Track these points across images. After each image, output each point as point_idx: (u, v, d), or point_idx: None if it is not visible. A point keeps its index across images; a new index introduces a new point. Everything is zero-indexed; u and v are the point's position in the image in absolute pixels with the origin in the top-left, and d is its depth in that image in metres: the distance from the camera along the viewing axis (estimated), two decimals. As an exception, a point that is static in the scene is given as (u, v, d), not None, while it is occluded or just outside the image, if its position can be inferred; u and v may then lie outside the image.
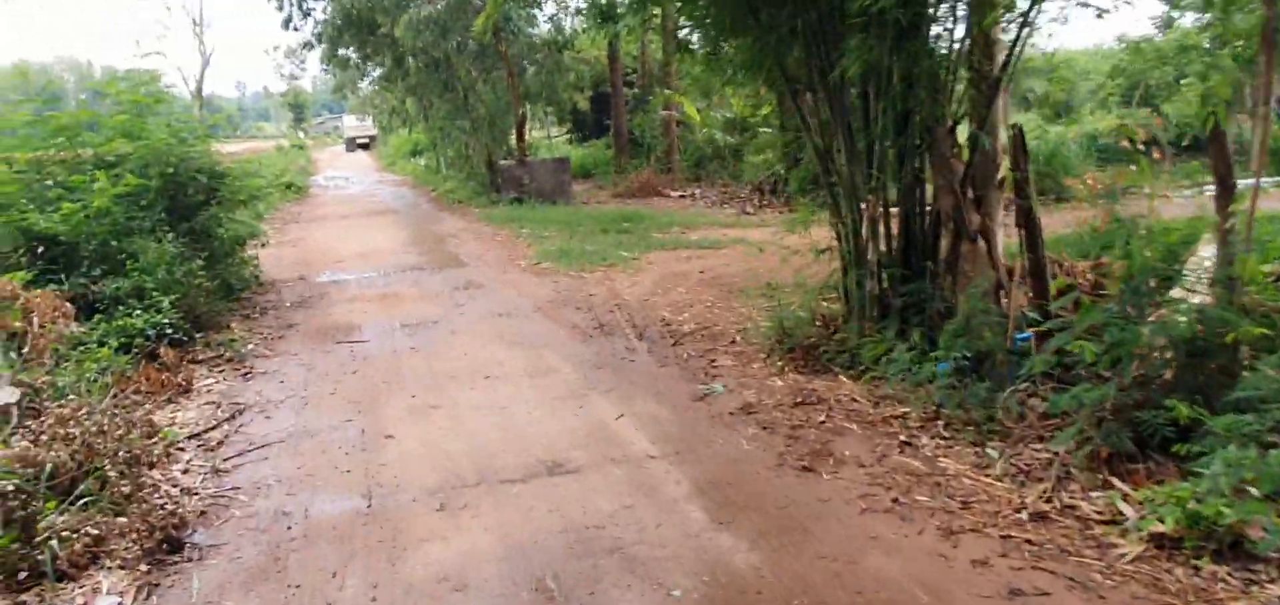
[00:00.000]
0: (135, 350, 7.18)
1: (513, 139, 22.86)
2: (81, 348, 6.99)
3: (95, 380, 6.34)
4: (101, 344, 7.08)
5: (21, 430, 4.91)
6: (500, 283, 11.12)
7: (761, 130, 24.90)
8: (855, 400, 5.95)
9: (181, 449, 5.66)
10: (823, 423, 5.60)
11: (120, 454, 4.92)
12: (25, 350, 6.24)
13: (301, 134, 67.57)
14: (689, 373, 6.98)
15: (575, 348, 7.83)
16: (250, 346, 8.23)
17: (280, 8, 23.60)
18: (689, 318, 8.73)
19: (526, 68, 22.95)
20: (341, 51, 24.19)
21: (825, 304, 7.62)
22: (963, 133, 7.00)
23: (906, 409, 5.66)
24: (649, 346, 7.78)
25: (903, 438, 5.26)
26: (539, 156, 23.25)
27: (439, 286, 11.03)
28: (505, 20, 19.64)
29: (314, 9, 23.43)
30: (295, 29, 23.59)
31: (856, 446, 5.20)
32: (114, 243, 8.22)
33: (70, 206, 8.04)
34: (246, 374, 7.39)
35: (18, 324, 6.67)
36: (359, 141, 59.63)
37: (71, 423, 5.09)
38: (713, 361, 7.21)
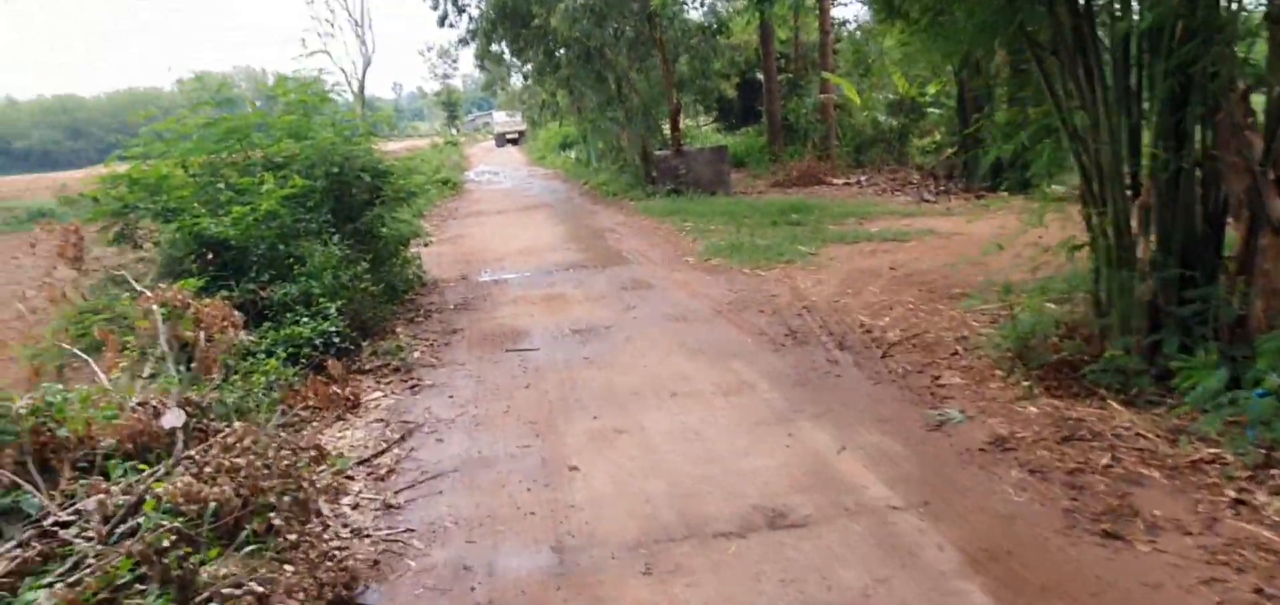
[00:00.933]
0: (302, 361, 6.80)
1: (666, 129, 22.15)
2: (250, 358, 6.67)
3: (263, 396, 5.95)
4: (269, 354, 6.74)
5: (186, 461, 4.47)
6: (670, 282, 10.33)
7: (930, 110, 23.23)
8: (1141, 436, 4.75)
9: (350, 477, 5.13)
10: (1109, 466, 4.45)
11: (288, 489, 4.39)
12: (194, 363, 5.89)
13: (454, 131, 69.58)
14: (910, 393, 5.93)
15: (768, 359, 6.91)
16: (416, 354, 7.77)
17: (435, 6, 23.77)
18: (891, 323, 7.64)
19: (680, 55, 22.15)
20: (494, 46, 24.11)
21: (1067, 309, 6.40)
22: (1257, 102, 5.61)
23: (1218, 451, 4.44)
24: (854, 358, 6.77)
25: (1230, 494, 4.05)
26: (695, 146, 22.40)
27: (604, 286, 10.35)
28: (662, 5, 18.89)
29: (468, 5, 23.47)
30: (451, 26, 23.72)
31: (1167, 503, 4.05)
32: (282, 246, 7.94)
33: (240, 209, 7.80)
34: (414, 387, 6.88)
35: (189, 333, 6.38)
36: (508, 136, 60.81)
37: (237, 450, 4.62)
38: (936, 379, 6.13)
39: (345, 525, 4.51)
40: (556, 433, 5.64)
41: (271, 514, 4.03)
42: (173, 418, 4.86)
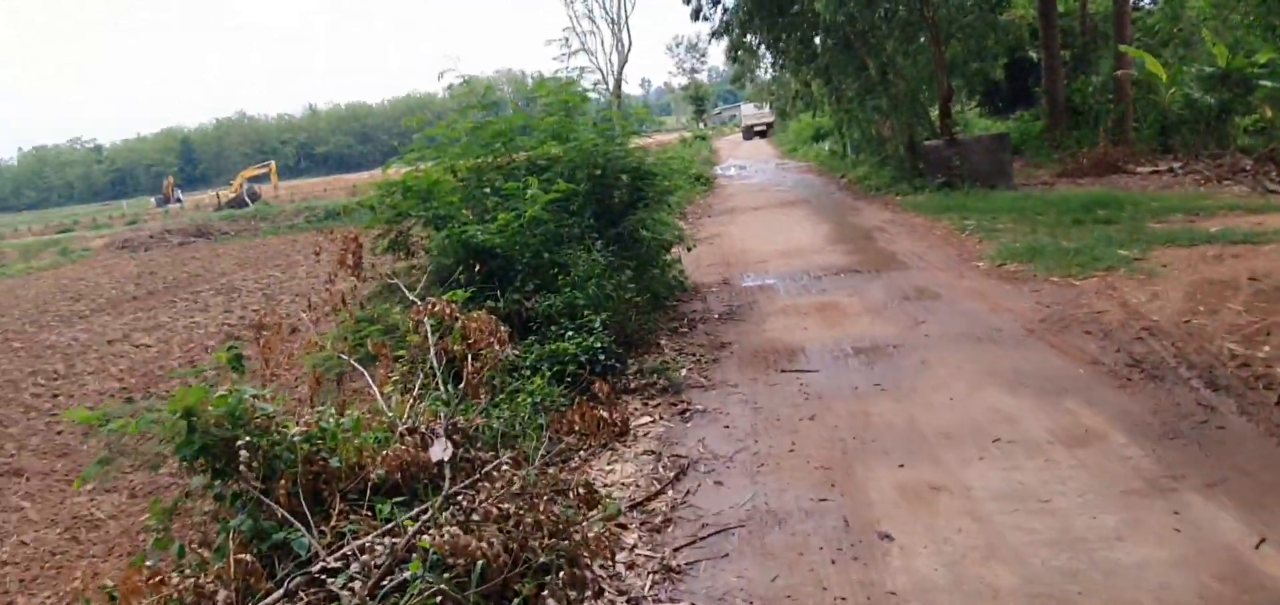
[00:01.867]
0: (567, 380, 6.37)
1: (934, 116, 20.33)
2: (515, 375, 6.33)
3: (529, 421, 5.53)
4: (535, 371, 6.37)
5: (453, 507, 4.07)
6: (960, 291, 9.03)
7: (1261, 84, 19.62)
8: None
9: (623, 526, 4.53)
10: None
11: (558, 547, 3.84)
12: (462, 381, 5.58)
13: (701, 125, 69.97)
14: (1340, 458, 4.43)
15: (1113, 398, 5.57)
16: (684, 372, 7.14)
17: (687, 1, 23.47)
18: (1275, 354, 5.98)
19: (952, 35, 20.23)
20: (749, 37, 23.39)
21: None
22: None
23: None
24: (1236, 403, 5.27)
25: None
26: (970, 134, 20.38)
27: (883, 295, 9.25)
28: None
29: (723, -3, 22.94)
30: (705, 18, 23.30)
31: None
32: (546, 254, 7.61)
33: (505, 216, 7.56)
34: (684, 412, 6.23)
35: (458, 347, 6.13)
36: (756, 129, 60.16)
37: (504, 492, 4.15)
38: (1377, 440, 4.56)
39: (621, 592, 3.89)
40: (855, 483, 4.73)
41: (544, 591, 3.45)
42: (440, 449, 4.49)
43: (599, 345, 6.63)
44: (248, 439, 3.94)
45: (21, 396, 12.32)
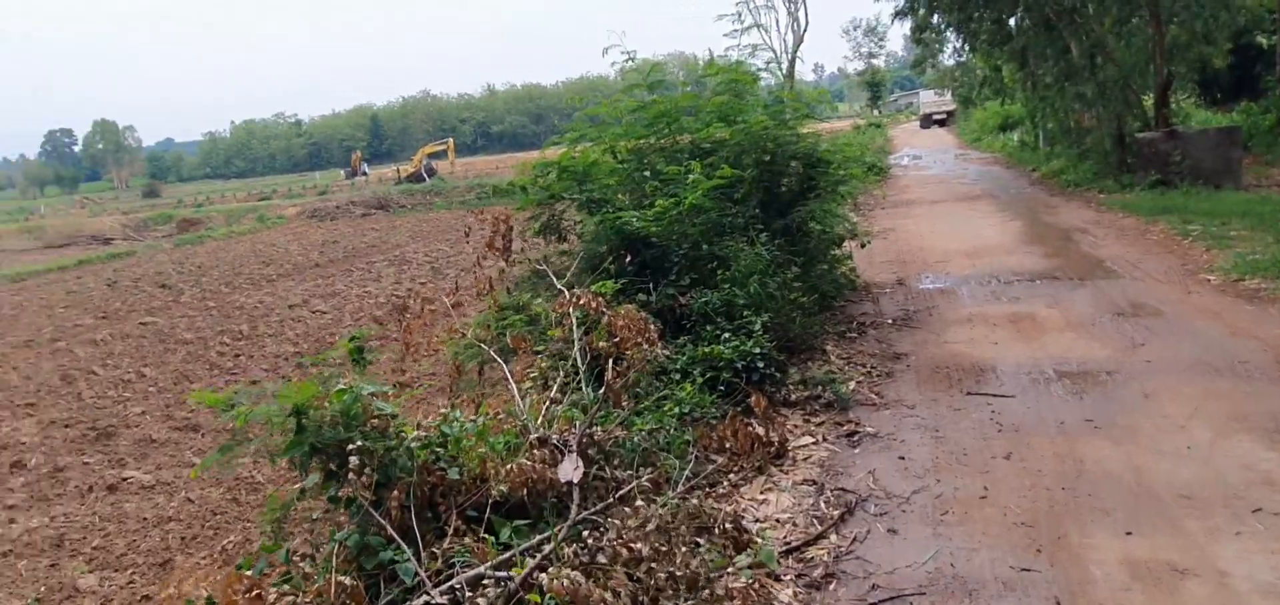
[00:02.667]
0: (720, 388, 5.71)
1: (1147, 105, 18.15)
2: (663, 378, 5.74)
3: (674, 436, 4.92)
4: (685, 375, 5.76)
5: (578, 541, 3.52)
6: (1187, 308, 7.69)
7: None
8: None
9: (775, 576, 3.84)
10: None
11: (697, 597, 3.22)
12: (603, 386, 5.04)
13: (876, 111, 67.23)
14: None
15: None
16: (851, 385, 6.33)
17: (871, -22, 22.09)
18: None
19: (1173, 17, 17.92)
20: (935, 17, 21.77)
21: None
22: None
23: None
24: None
25: None
26: (1189, 126, 18.05)
27: (1089, 308, 8.02)
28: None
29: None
30: (887, -2, 21.83)
31: None
32: (705, 246, 6.97)
33: (663, 202, 6.97)
34: (851, 434, 5.45)
35: (602, 344, 5.60)
36: (935, 117, 57.18)
37: (639, 531, 3.56)
38: None
39: (769, 669, 3.21)
40: (1069, 551, 3.83)
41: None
42: (570, 468, 3.95)
43: (758, 350, 5.92)
44: (361, 444, 3.53)
45: (209, 354, 12.99)
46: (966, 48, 25.63)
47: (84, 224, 43.57)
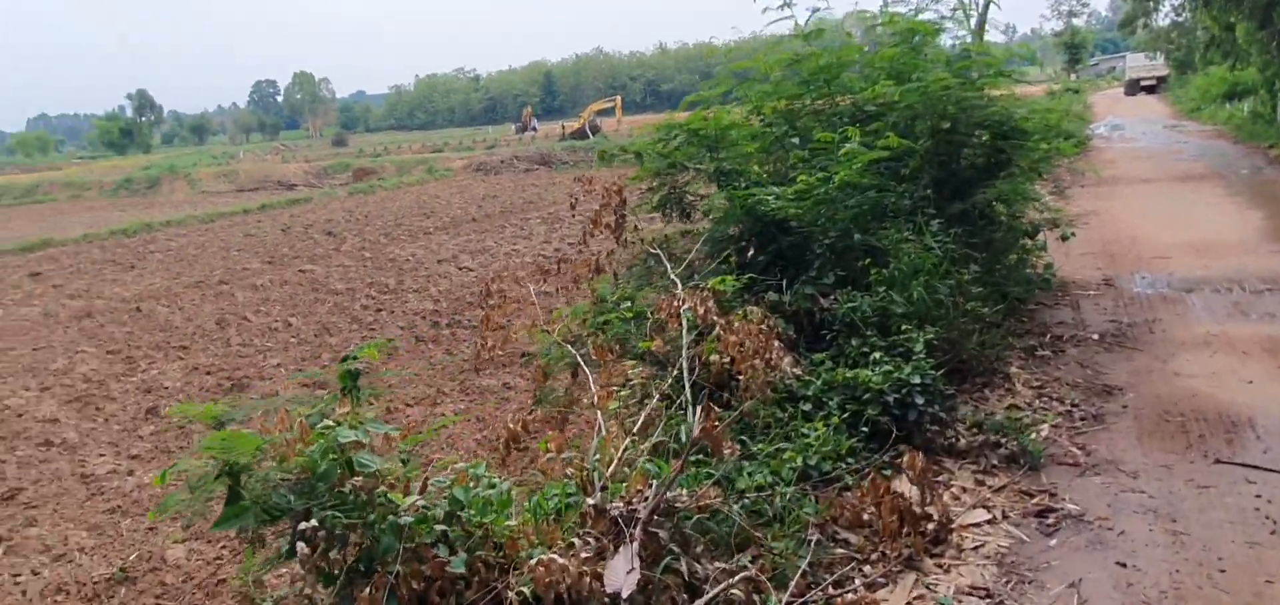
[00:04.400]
0: (863, 427, 4.34)
1: None
2: (789, 406, 4.44)
3: (790, 507, 3.62)
4: (819, 406, 4.43)
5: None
6: None
7: None
8: None
9: None
10: None
11: None
12: (698, 428, 3.79)
13: (1073, 76, 61.37)
14: None
15: None
16: (1043, 431, 4.79)
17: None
18: None
19: None
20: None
21: None
22: None
23: None
24: None
25: None
26: None
27: (1381, 338, 6.01)
28: None
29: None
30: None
31: None
32: (857, 235, 5.56)
33: (808, 178, 5.58)
34: (1044, 512, 3.95)
35: (713, 357, 4.36)
36: (1143, 83, 51.47)
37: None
38: None
39: None
40: None
41: None
42: (622, 571, 2.76)
43: (918, 380, 4.47)
44: (321, 517, 2.49)
45: (354, 307, 12.83)
46: (1189, 5, 21.99)
47: (273, 170, 46.16)
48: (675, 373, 4.49)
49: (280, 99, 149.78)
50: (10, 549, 6.09)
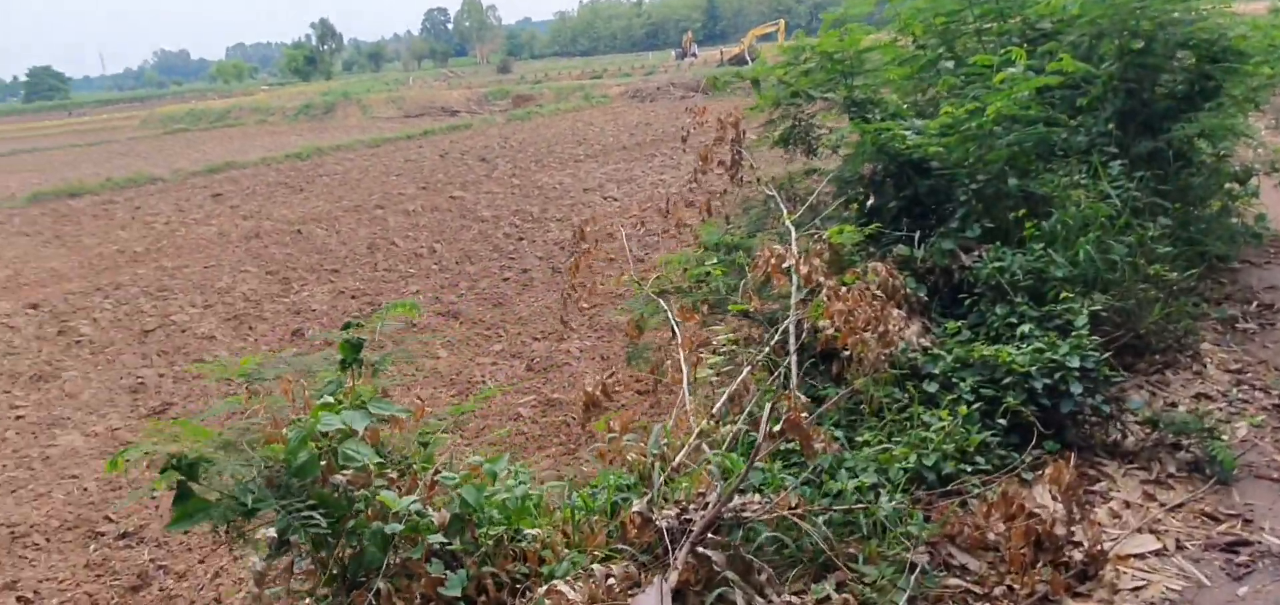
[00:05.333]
0: (1002, 419, 3.56)
1: None
2: (908, 389, 3.72)
3: (895, 514, 2.96)
4: (947, 387, 3.69)
5: None
6: None
7: None
8: None
9: None
10: None
11: None
12: (779, 422, 3.16)
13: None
14: None
15: None
16: (1240, 432, 3.84)
17: None
18: None
19: None
20: None
21: None
22: None
23: None
24: None
25: None
26: None
27: None
28: None
29: None
30: None
31: None
32: (1012, 180, 4.66)
33: (953, 110, 4.70)
34: (1233, 546, 3.08)
35: (823, 325, 3.70)
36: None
37: None
38: None
39: None
40: None
41: None
42: (653, 600, 2.23)
43: (1077, 363, 3.63)
44: (294, 520, 2.09)
45: (496, 234, 12.91)
46: None
47: (438, 96, 47.51)
48: (777, 337, 3.87)
49: (451, 27, 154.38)
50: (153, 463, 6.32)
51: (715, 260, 4.70)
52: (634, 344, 4.67)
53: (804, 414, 2.97)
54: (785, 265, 3.75)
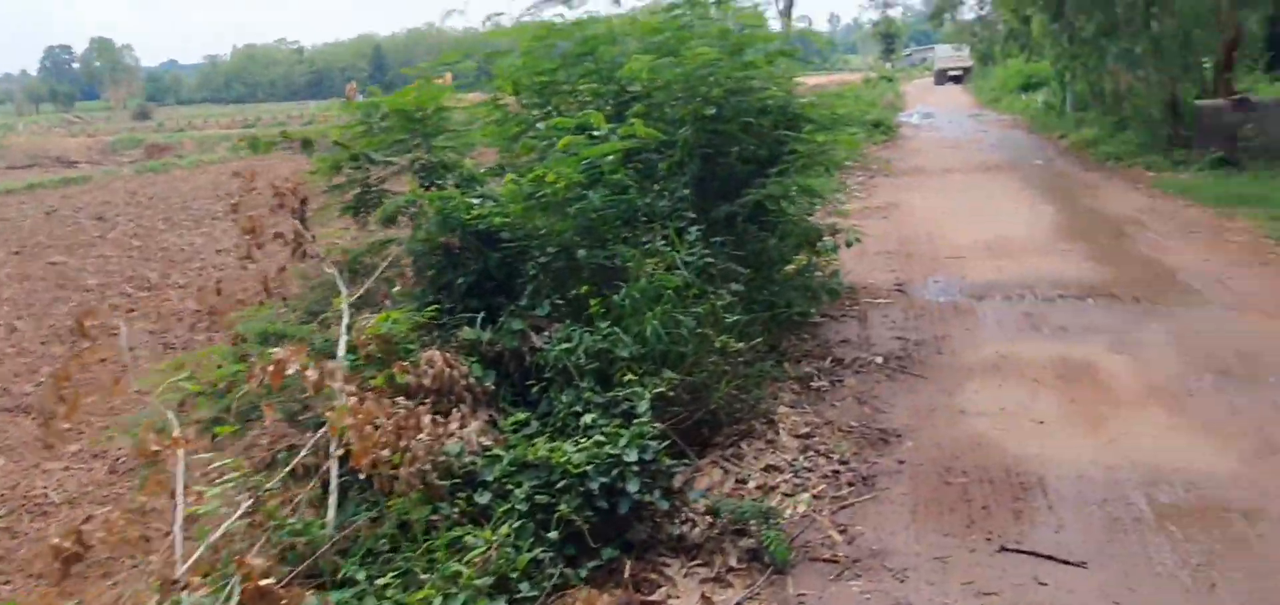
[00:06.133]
0: (557, 528, 3.14)
1: (1207, 71, 15.31)
2: (458, 503, 3.19)
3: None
4: (502, 496, 3.20)
5: None
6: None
7: None
8: None
9: None
10: None
11: None
12: (249, 571, 2.45)
13: (888, 65, 63.89)
14: None
15: None
16: (800, 507, 3.77)
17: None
18: None
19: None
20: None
21: None
22: None
23: None
24: None
25: None
26: (1260, 96, 15.13)
27: (1174, 357, 5.43)
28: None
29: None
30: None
31: None
32: (581, 252, 4.38)
33: (514, 182, 4.33)
34: (783, 647, 2.90)
35: (348, 435, 3.03)
36: (950, 73, 54.17)
37: None
38: None
39: None
40: None
41: None
42: None
43: (634, 457, 3.31)
44: None
45: (101, 307, 10.72)
46: None
47: (53, 144, 40.91)
48: (302, 455, 3.16)
49: (77, 65, 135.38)
50: None
51: (256, 355, 3.88)
52: (144, 469, 3.70)
53: (283, 569, 2.29)
54: (290, 370, 3.05)
